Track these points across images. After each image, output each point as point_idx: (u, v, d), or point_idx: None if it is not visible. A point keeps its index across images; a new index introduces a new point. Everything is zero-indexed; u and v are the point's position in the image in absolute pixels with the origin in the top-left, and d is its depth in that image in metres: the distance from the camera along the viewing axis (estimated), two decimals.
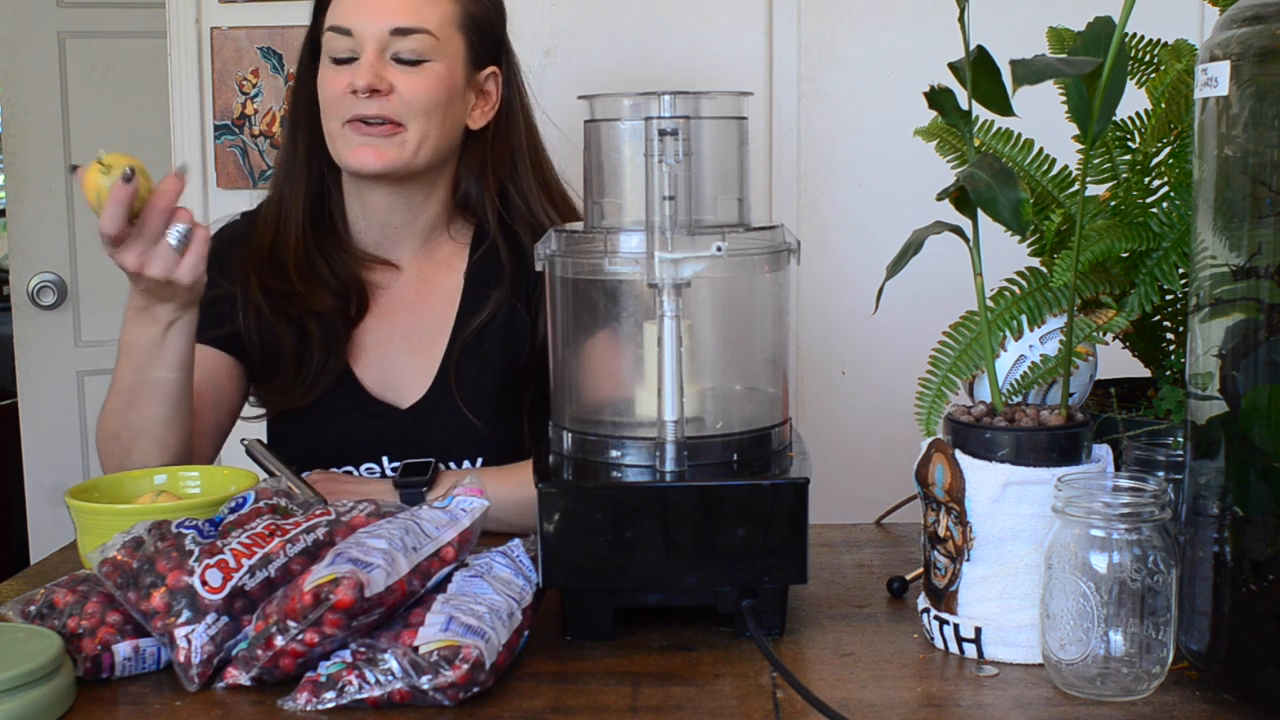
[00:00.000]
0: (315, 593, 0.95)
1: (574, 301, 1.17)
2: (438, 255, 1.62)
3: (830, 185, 2.34)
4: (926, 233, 1.05)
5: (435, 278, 1.61)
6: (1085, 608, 0.95)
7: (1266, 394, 0.89)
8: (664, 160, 1.10)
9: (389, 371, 1.58)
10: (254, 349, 1.57)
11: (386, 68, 1.49)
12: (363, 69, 1.47)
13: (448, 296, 1.60)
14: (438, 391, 1.56)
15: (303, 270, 1.55)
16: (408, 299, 1.60)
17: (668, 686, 1.00)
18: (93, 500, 1.25)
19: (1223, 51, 0.89)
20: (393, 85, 1.48)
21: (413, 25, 1.49)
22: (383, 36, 1.48)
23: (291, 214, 1.57)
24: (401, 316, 1.59)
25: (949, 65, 1.05)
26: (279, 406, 1.59)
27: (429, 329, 1.59)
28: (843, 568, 1.28)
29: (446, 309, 1.60)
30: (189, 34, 2.41)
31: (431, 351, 1.58)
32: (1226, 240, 0.91)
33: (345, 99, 1.48)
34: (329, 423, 1.56)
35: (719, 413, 1.17)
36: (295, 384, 1.55)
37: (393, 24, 1.48)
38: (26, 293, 3.19)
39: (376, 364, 1.58)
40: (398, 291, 1.60)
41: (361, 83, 1.46)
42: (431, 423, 1.56)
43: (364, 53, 1.48)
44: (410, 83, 1.49)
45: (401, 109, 1.49)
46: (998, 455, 1.02)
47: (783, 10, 2.30)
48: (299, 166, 1.58)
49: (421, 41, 1.49)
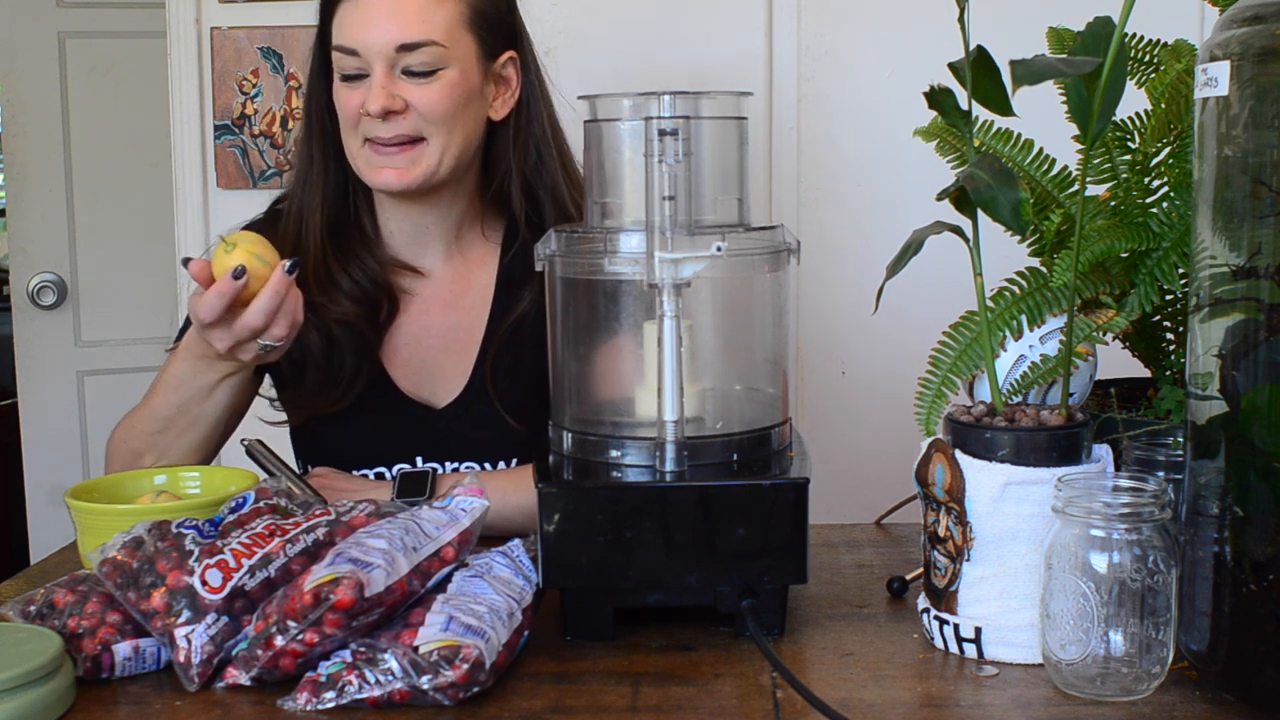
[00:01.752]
0: (315, 593, 0.95)
1: (574, 301, 1.17)
2: (471, 254, 1.60)
3: (830, 185, 2.34)
4: (926, 233, 1.05)
5: (469, 276, 1.60)
6: (1085, 608, 0.95)
7: (1266, 394, 0.89)
8: (664, 160, 1.10)
9: (424, 371, 1.57)
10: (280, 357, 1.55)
11: (398, 84, 1.44)
12: (374, 92, 1.43)
13: (481, 295, 1.59)
14: (473, 391, 1.55)
15: (321, 280, 1.52)
16: (442, 298, 1.59)
17: (668, 686, 1.00)
18: (93, 500, 1.25)
19: (1223, 51, 0.89)
20: (407, 102, 1.44)
21: (419, 39, 1.44)
22: (390, 54, 1.43)
23: (311, 224, 1.54)
24: (436, 316, 1.58)
25: (949, 65, 1.05)
26: (310, 411, 1.56)
27: (463, 328, 1.58)
28: (843, 568, 1.28)
29: (480, 308, 1.58)
30: (189, 34, 2.41)
31: (466, 351, 1.57)
32: (1226, 240, 0.91)
33: (361, 119, 1.46)
34: (363, 424, 1.54)
35: (719, 413, 1.17)
36: (326, 388, 1.53)
37: (399, 40, 1.43)
38: (26, 293, 3.19)
39: (411, 364, 1.57)
40: (432, 291, 1.59)
41: (375, 107, 1.43)
42: (467, 422, 1.54)
43: (373, 72, 1.44)
44: (424, 95, 1.45)
45: (419, 123, 1.45)
46: (998, 455, 1.02)
47: (783, 10, 2.30)
48: (316, 175, 1.55)
49: (431, 53, 1.44)
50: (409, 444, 1.54)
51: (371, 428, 1.54)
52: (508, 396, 1.54)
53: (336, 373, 1.53)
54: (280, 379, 1.58)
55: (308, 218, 1.54)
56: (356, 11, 1.44)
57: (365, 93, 1.44)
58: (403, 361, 1.57)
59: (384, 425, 1.55)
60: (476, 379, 1.55)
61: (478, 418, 1.54)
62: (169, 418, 1.42)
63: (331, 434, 1.56)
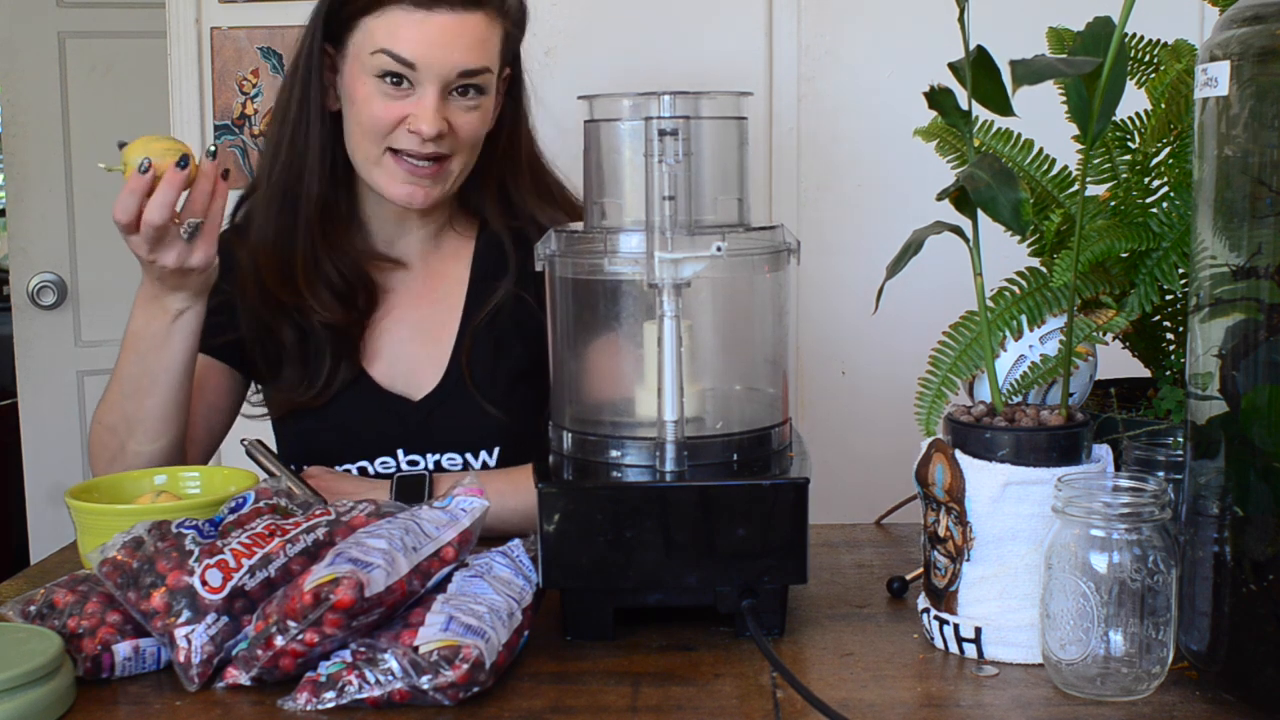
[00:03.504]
0: (315, 593, 0.95)
1: (574, 301, 1.17)
2: (445, 248, 1.61)
3: (830, 185, 2.34)
4: (926, 233, 1.05)
5: (442, 270, 1.61)
6: (1085, 608, 0.95)
7: (1266, 394, 0.89)
8: (664, 160, 1.10)
9: (400, 364, 1.57)
10: (254, 351, 1.56)
11: (446, 106, 1.44)
12: (429, 114, 1.42)
13: (455, 288, 1.60)
14: (450, 382, 1.56)
15: (309, 274, 1.51)
16: (416, 291, 1.59)
17: (668, 686, 1.00)
18: (93, 500, 1.25)
19: (1223, 51, 0.89)
20: (451, 124, 1.45)
21: (479, 65, 1.44)
22: (451, 78, 1.43)
23: (306, 214, 1.51)
24: (410, 310, 1.59)
25: (949, 65, 1.05)
26: (289, 406, 1.56)
27: (438, 321, 1.58)
28: (843, 568, 1.28)
29: (454, 299, 1.59)
30: (189, 34, 2.41)
31: (442, 343, 1.57)
32: (1226, 240, 0.91)
33: (397, 130, 1.44)
34: (340, 418, 1.55)
35: (719, 413, 1.17)
36: (305, 382, 1.53)
37: (463, 65, 1.43)
38: (26, 293, 3.20)
39: (387, 358, 1.57)
40: (406, 285, 1.59)
41: (430, 130, 1.42)
42: (445, 414, 1.55)
43: (425, 90, 1.43)
44: (468, 120, 1.46)
45: (454, 145, 1.47)
46: (998, 455, 1.02)
47: (783, 10, 2.30)
48: (314, 163, 1.51)
49: (484, 80, 1.46)
50: (388, 437, 1.54)
51: (350, 421, 1.55)
52: (487, 386, 1.55)
53: (315, 367, 1.53)
54: (256, 376, 1.59)
55: (303, 207, 1.51)
56: (419, 26, 1.42)
57: (410, 106, 1.43)
58: (379, 356, 1.57)
59: (362, 419, 1.55)
60: (454, 370, 1.56)
61: (456, 408, 1.55)
62: (134, 378, 1.41)
63: (311, 428, 1.56)
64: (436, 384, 1.56)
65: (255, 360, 1.57)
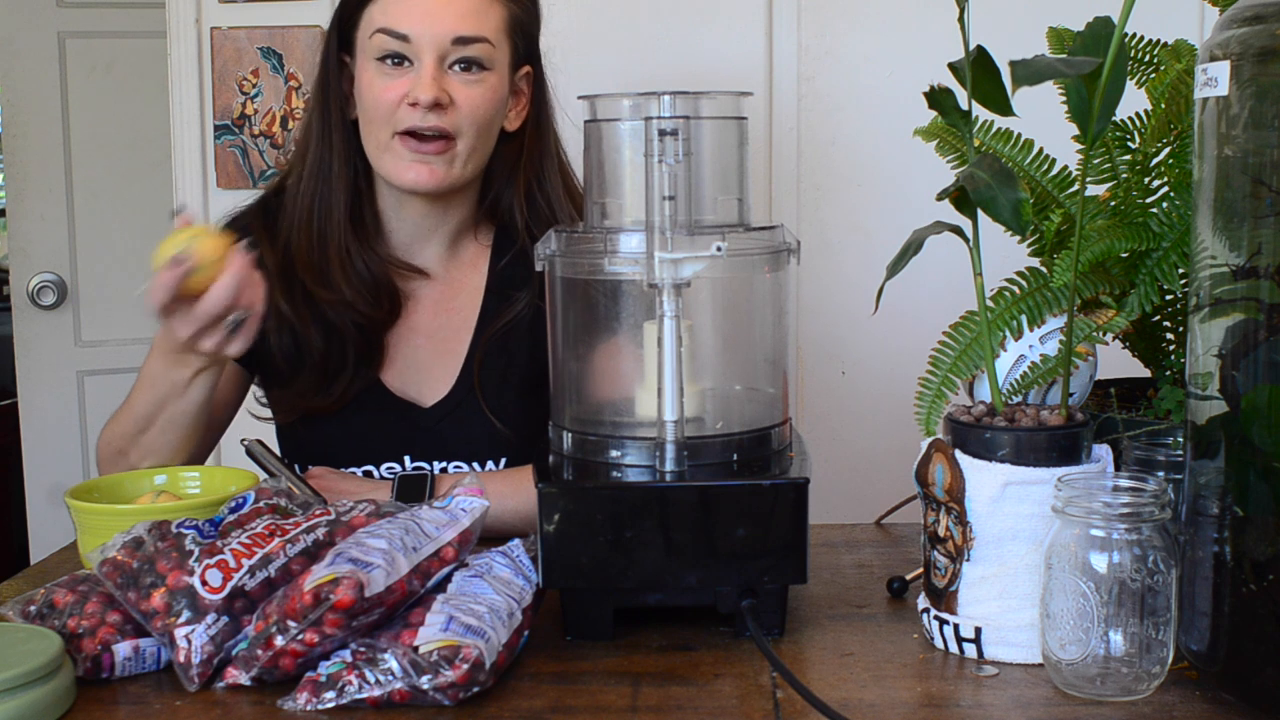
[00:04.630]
0: (315, 593, 0.95)
1: (574, 301, 1.17)
2: (463, 256, 1.60)
3: (830, 185, 2.34)
4: (926, 233, 1.05)
5: (460, 278, 1.60)
6: (1085, 608, 0.95)
7: (1266, 394, 0.89)
8: (664, 160, 1.10)
9: (412, 370, 1.56)
10: (274, 355, 1.53)
11: (446, 78, 1.44)
12: (425, 81, 1.42)
13: (471, 297, 1.59)
14: (461, 391, 1.55)
15: (349, 274, 1.51)
16: (433, 298, 1.59)
17: (668, 686, 1.00)
18: (93, 500, 1.25)
19: (1223, 51, 0.89)
20: (452, 98, 1.44)
21: (474, 34, 1.44)
22: (444, 45, 1.43)
23: (335, 219, 1.52)
24: (425, 316, 1.58)
25: (949, 65, 1.05)
26: (300, 410, 1.55)
27: (452, 329, 1.58)
28: (843, 568, 1.28)
29: (470, 309, 1.58)
30: (189, 34, 2.41)
31: (455, 351, 1.57)
32: (1226, 240, 0.91)
33: (399, 109, 1.44)
34: (350, 422, 1.54)
35: (719, 413, 1.17)
36: (320, 388, 1.52)
37: (456, 32, 1.43)
38: (26, 293, 3.19)
39: (399, 363, 1.56)
40: (426, 293, 1.58)
41: (426, 97, 1.41)
42: (454, 422, 1.54)
43: (422, 61, 1.43)
44: (469, 95, 1.45)
45: (457, 122, 1.45)
46: (998, 455, 1.02)
47: (783, 10, 2.30)
48: (339, 167, 1.51)
49: (482, 50, 1.45)
50: (396, 443, 1.54)
51: (359, 426, 1.54)
52: (496, 399, 1.54)
53: (333, 374, 1.52)
54: (270, 378, 1.58)
55: (333, 212, 1.52)
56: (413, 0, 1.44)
57: (408, 82, 1.43)
58: (391, 360, 1.56)
59: (371, 423, 1.54)
60: (465, 379, 1.55)
61: (465, 418, 1.54)
62: (148, 415, 1.41)
63: (319, 432, 1.55)
64: (447, 392, 1.55)
65: (273, 361, 1.54)
